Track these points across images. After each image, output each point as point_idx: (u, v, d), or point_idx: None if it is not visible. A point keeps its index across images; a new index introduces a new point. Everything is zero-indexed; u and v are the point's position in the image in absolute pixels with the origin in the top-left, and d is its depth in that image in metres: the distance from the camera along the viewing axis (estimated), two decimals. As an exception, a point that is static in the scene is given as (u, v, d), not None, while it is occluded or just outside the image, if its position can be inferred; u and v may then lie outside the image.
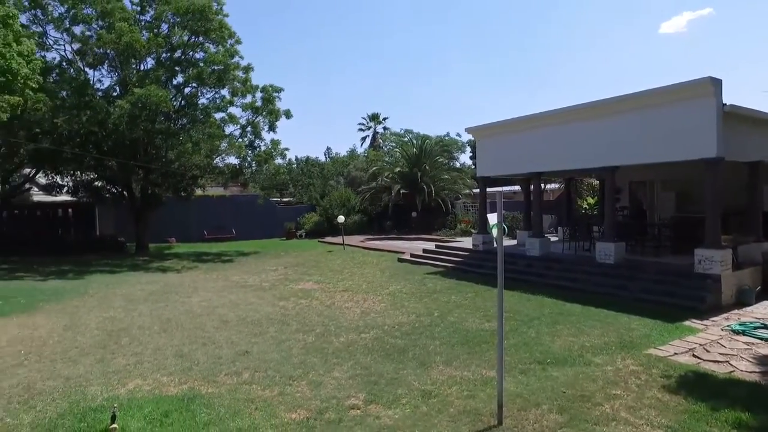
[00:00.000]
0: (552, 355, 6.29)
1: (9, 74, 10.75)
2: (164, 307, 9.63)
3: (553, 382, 5.39)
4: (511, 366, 5.79)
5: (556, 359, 6.14)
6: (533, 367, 5.88)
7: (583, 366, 5.91)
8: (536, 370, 5.81)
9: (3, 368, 6.05)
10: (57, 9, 18.56)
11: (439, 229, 24.82)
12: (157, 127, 19.12)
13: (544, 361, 6.07)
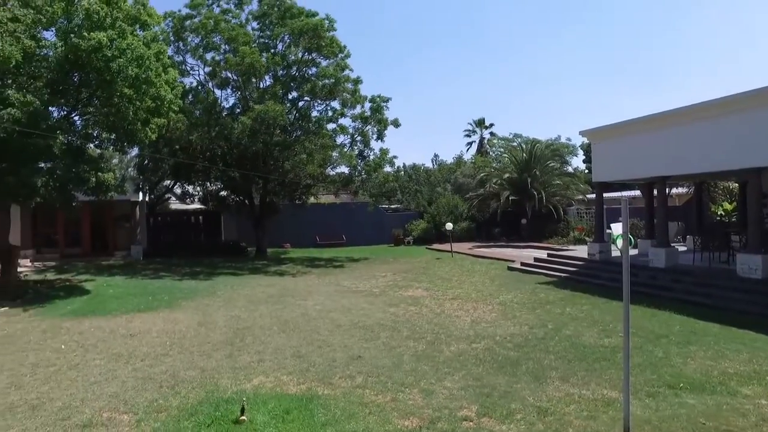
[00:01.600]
0: (685, 379, 5.71)
1: (158, 100, 12.26)
2: (282, 309, 10.29)
3: (688, 410, 4.88)
4: (636, 388, 5.36)
5: (690, 384, 5.57)
6: (663, 391, 5.39)
7: (728, 396, 5.27)
8: (666, 394, 5.31)
9: (155, 356, 6.86)
10: (193, 40, 20.84)
11: (551, 236, 23.76)
12: (275, 139, 20.54)
13: (675, 385, 5.53)
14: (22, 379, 5.92)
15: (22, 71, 10.24)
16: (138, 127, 12.26)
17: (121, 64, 10.98)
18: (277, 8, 21.18)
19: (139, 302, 11.13)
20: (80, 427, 4.62)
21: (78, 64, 11.01)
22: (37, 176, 10.71)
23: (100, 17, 10.92)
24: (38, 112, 10.05)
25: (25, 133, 9.92)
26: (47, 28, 11.28)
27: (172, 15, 20.39)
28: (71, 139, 11.24)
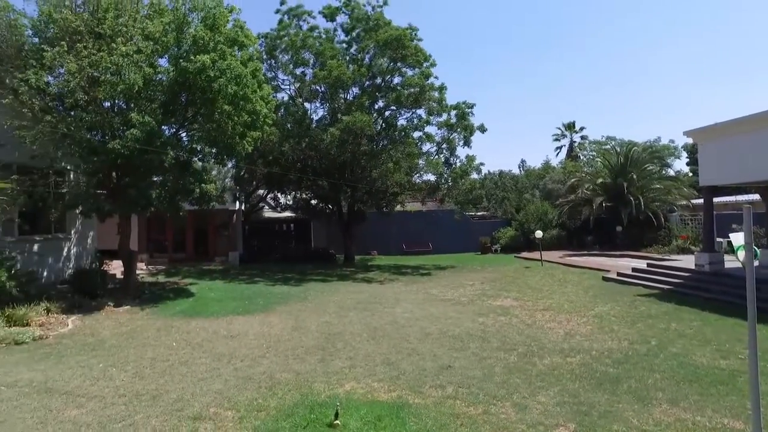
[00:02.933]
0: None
1: (254, 115, 13.05)
2: (371, 316, 10.47)
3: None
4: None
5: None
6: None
7: None
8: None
9: (253, 357, 7.28)
10: (284, 56, 21.98)
11: (650, 245, 22.14)
12: (362, 149, 21.05)
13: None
14: (143, 371, 6.54)
15: (142, 95, 11.35)
16: (236, 140, 13.10)
17: (221, 83, 11.81)
18: (362, 21, 21.78)
19: (237, 305, 11.87)
20: (191, 419, 5.00)
21: (185, 86, 12.00)
22: (152, 189, 11.82)
23: (204, 42, 11.85)
24: (154, 131, 11.11)
25: (143, 150, 10.99)
26: (162, 56, 12.42)
27: (265, 36, 21.67)
28: (179, 154, 12.22)
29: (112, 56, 10.87)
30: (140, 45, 11.43)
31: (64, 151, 11.62)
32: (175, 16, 12.30)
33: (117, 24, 11.53)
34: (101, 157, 11.24)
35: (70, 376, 6.26)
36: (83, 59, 10.70)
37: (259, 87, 13.35)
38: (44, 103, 11.01)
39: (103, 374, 6.38)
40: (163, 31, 11.91)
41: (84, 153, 11.34)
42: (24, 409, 5.16)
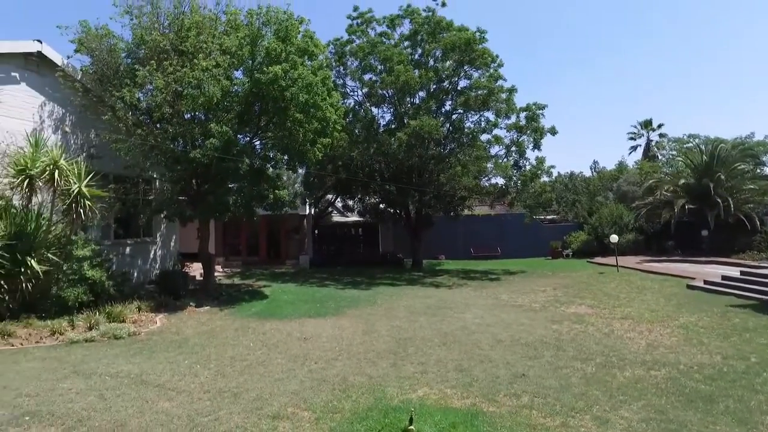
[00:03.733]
0: None
1: (324, 122, 13.43)
2: (441, 321, 10.41)
3: None
4: None
5: None
6: None
7: None
8: None
9: (326, 360, 7.44)
10: (352, 63, 22.41)
11: (742, 250, 20.51)
12: (429, 153, 21.04)
13: None
14: (225, 369, 6.87)
15: (220, 106, 12.01)
16: (307, 147, 13.51)
17: (293, 92, 12.24)
18: (427, 25, 21.79)
19: (309, 308, 12.20)
20: (270, 417, 5.18)
21: (259, 96, 12.55)
22: (230, 195, 12.45)
23: (277, 53, 12.34)
24: (231, 140, 11.71)
25: (221, 158, 11.62)
26: (237, 68, 13.08)
27: (334, 42, 22.21)
28: (253, 162, 12.78)
29: (194, 71, 11.57)
30: (218, 59, 12.10)
31: (152, 161, 12.52)
32: (250, 30, 12.90)
33: (198, 41, 12.25)
34: (184, 165, 12.00)
35: (161, 371, 6.70)
36: (169, 75, 11.47)
37: (328, 94, 13.71)
38: (136, 117, 11.92)
39: (189, 370, 6.76)
40: (239, 45, 12.52)
41: (169, 162, 12.18)
42: (125, 398, 5.58)
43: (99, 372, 6.59)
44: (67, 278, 9.89)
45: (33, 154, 9.52)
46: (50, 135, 11.96)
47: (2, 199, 9.49)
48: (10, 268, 8.67)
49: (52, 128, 12.23)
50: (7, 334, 8.21)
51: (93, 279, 10.16)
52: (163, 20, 12.81)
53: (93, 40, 12.26)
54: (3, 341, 8.07)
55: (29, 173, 9.35)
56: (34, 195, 9.78)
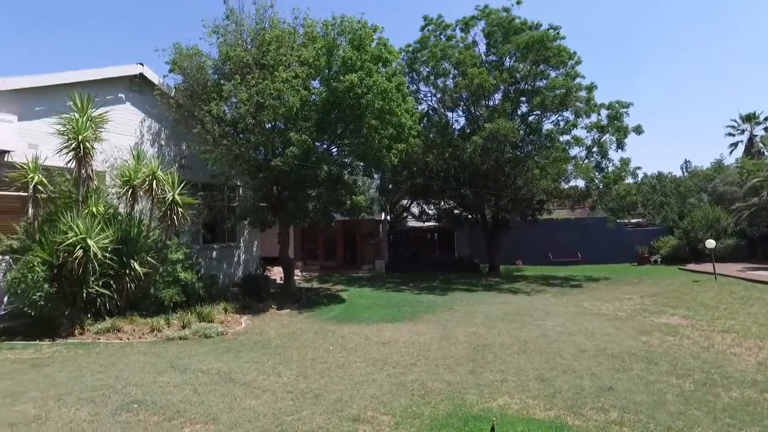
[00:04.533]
0: None
1: (399, 128, 13.56)
2: (520, 329, 10.11)
3: None
4: None
5: None
6: None
7: None
8: None
9: (404, 365, 7.47)
10: (425, 69, 22.47)
11: None
12: (506, 156, 20.60)
13: None
14: (306, 371, 7.09)
15: (298, 116, 12.50)
16: (383, 153, 13.70)
17: (368, 99, 12.46)
18: (499, 26, 21.38)
19: (386, 313, 12.31)
20: (351, 420, 5.27)
21: (335, 104, 12.90)
22: (309, 201, 12.88)
23: (352, 62, 12.64)
24: (309, 148, 12.14)
25: (300, 166, 12.06)
26: (315, 78, 13.54)
27: (406, 50, 22.37)
28: (331, 169, 13.14)
29: (275, 83, 12.13)
30: (297, 70, 12.60)
31: (236, 169, 13.26)
32: (326, 41, 13.33)
33: (278, 54, 12.83)
34: (265, 173, 12.59)
35: (247, 370, 7.03)
36: (251, 88, 12.11)
37: (403, 100, 13.83)
38: (222, 129, 12.67)
39: (272, 370, 7.05)
40: (316, 55, 12.97)
41: (251, 170, 12.83)
42: (215, 394, 5.93)
43: (192, 368, 7.04)
44: (163, 280, 10.69)
45: (135, 166, 10.41)
46: (149, 148, 13.05)
47: (111, 208, 10.46)
48: (117, 270, 9.52)
49: (150, 142, 13.33)
50: (116, 329, 9.08)
51: (185, 281, 10.91)
52: (245, 37, 13.56)
53: (185, 59, 13.23)
54: (113, 335, 8.93)
55: (132, 183, 10.24)
56: (136, 203, 10.68)
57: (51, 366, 7.04)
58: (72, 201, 9.91)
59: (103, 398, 5.68)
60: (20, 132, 10.46)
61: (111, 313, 9.55)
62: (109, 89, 12.34)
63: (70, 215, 9.26)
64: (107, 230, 9.39)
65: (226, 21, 13.55)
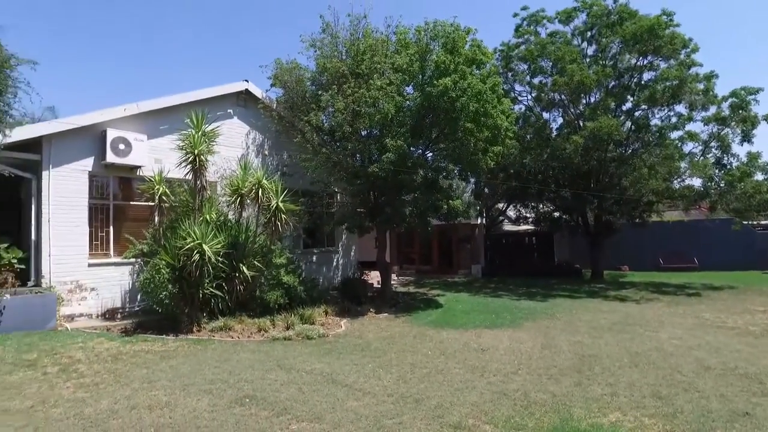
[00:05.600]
0: None
1: (495, 129, 13.26)
2: (630, 340, 9.41)
3: None
4: None
5: None
6: None
7: None
8: None
9: (505, 373, 7.25)
10: (520, 67, 21.78)
11: None
12: (609, 155, 19.34)
13: None
14: (405, 375, 7.13)
15: (393, 122, 12.66)
16: (479, 156, 13.47)
17: (463, 102, 12.31)
18: (602, 17, 20.14)
19: (484, 318, 12.05)
20: (452, 427, 5.21)
21: (430, 108, 12.90)
22: (405, 206, 12.98)
23: (445, 65, 12.57)
24: (405, 153, 12.25)
25: (396, 171, 12.20)
26: (408, 84, 13.66)
27: (500, 49, 21.83)
28: (427, 173, 13.14)
29: (370, 91, 12.40)
30: (391, 77, 12.80)
31: (334, 176, 13.73)
32: (419, 46, 13.39)
33: (372, 63, 13.12)
34: (362, 179, 12.89)
35: (348, 372, 7.22)
36: (348, 97, 12.49)
37: (498, 101, 13.51)
38: (320, 138, 13.20)
39: (372, 373, 7.17)
40: (409, 61, 13.07)
41: (349, 177, 13.21)
42: (319, 394, 6.15)
43: (297, 368, 7.37)
44: (268, 283, 11.31)
45: (243, 176, 11.17)
46: (253, 158, 13.95)
47: (222, 215, 11.33)
48: (228, 273, 10.26)
49: (255, 152, 14.24)
50: (228, 328, 9.78)
51: (288, 284, 11.46)
52: (341, 48, 14.03)
53: (285, 73, 13.98)
54: (225, 333, 9.62)
55: (240, 192, 11.01)
56: (244, 210, 11.46)
57: (176, 359, 7.74)
58: (189, 209, 10.87)
59: (219, 391, 6.13)
60: (149, 149, 11.71)
61: (223, 313, 10.29)
62: (219, 106, 13.38)
63: (188, 222, 10.15)
64: (219, 236, 10.16)
65: (323, 34, 14.12)
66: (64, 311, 10.24)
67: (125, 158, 11.19)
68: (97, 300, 10.97)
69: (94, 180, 11.31)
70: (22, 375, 6.70)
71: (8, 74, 8.35)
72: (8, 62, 8.41)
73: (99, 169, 11.21)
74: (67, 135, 10.65)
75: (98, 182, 11.45)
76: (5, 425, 5.06)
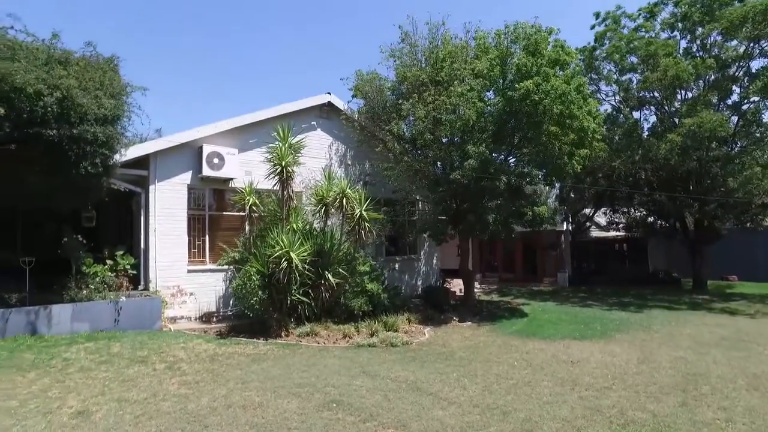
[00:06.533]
0: None
1: (582, 132, 12.68)
2: (746, 358, 8.54)
3: None
4: None
5: None
6: None
7: None
8: None
9: (598, 388, 6.85)
10: (606, 67, 20.68)
11: None
12: (712, 154, 17.79)
13: None
14: (491, 386, 6.95)
15: (475, 128, 12.49)
16: (564, 160, 12.94)
17: (546, 105, 11.88)
18: (698, 4, 18.60)
19: (572, 329, 11.49)
20: (543, 444, 5.00)
21: (511, 113, 12.57)
22: (489, 213, 12.72)
23: (527, 68, 12.21)
24: (487, 159, 12.02)
25: (479, 178, 12.01)
26: (489, 89, 13.43)
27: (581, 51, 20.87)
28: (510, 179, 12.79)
29: (450, 98, 12.35)
30: (471, 83, 12.66)
31: (416, 184, 13.79)
32: (499, 50, 13.12)
33: (452, 69, 13.07)
34: (444, 187, 12.82)
35: (432, 380, 7.17)
36: (428, 105, 12.52)
37: (584, 102, 12.91)
38: (402, 146, 13.33)
39: (457, 383, 7.06)
40: (490, 66, 12.85)
41: (431, 185, 13.20)
42: (404, 402, 6.15)
43: (382, 375, 7.43)
44: (352, 290, 11.54)
45: (327, 186, 11.53)
46: (336, 168, 14.35)
47: (307, 224, 11.75)
48: (314, 280, 10.60)
49: (338, 163, 14.65)
50: (314, 333, 10.10)
51: (372, 291, 11.62)
52: (420, 56, 14.13)
53: (365, 84, 14.29)
54: (312, 339, 9.94)
55: (325, 201, 11.36)
56: (328, 219, 11.81)
57: (266, 362, 8.10)
58: (277, 218, 11.38)
59: (307, 394, 6.33)
60: (240, 162, 12.43)
61: (309, 319, 10.63)
62: (303, 118, 13.93)
63: (276, 231, 10.63)
64: (305, 244, 10.52)
65: (401, 44, 14.30)
66: (167, 313, 11.08)
67: (219, 171, 11.97)
68: (195, 304, 11.77)
69: (191, 192, 12.18)
70: (136, 370, 7.33)
71: (125, 101, 9.23)
72: (125, 90, 9.32)
73: (196, 182, 12.07)
74: (168, 152, 11.60)
75: (195, 194, 12.31)
76: (127, 412, 5.57)
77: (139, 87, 9.73)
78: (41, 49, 8.58)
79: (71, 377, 6.86)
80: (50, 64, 8.38)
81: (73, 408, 5.67)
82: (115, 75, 9.39)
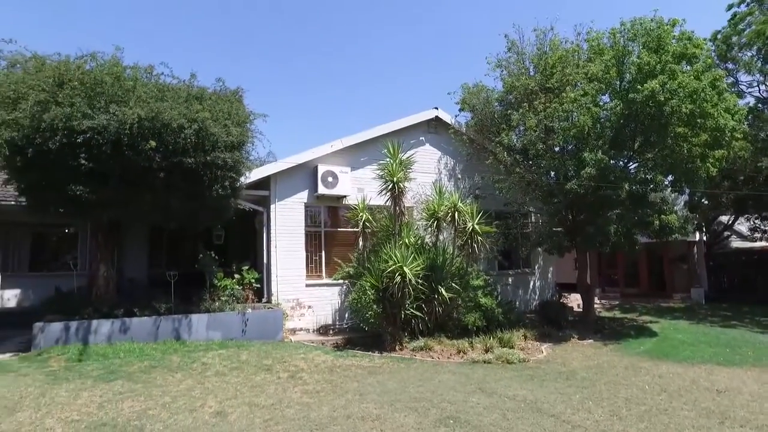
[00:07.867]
0: None
1: (716, 131, 11.42)
2: None
3: None
4: None
5: None
6: None
7: None
8: None
9: (758, 425, 6.00)
10: (745, 54, 18.47)
11: None
12: None
13: None
14: (619, 410, 6.43)
15: (590, 134, 11.79)
16: (696, 164, 11.76)
17: (673, 104, 10.89)
18: None
19: (714, 353, 10.29)
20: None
21: (631, 116, 11.71)
22: (610, 224, 11.88)
23: (650, 66, 11.30)
24: (606, 167, 11.27)
25: (597, 187, 11.30)
26: (604, 93, 12.62)
27: (713, 38, 18.86)
28: (632, 187, 11.86)
29: (563, 104, 11.82)
30: (585, 88, 12.00)
31: (529, 196, 13.34)
32: (615, 50, 12.30)
33: (563, 75, 12.53)
34: (559, 197, 12.25)
35: (553, 401, 6.81)
36: (539, 114, 12.10)
37: (720, 98, 11.63)
38: (513, 157, 12.99)
39: (581, 405, 6.64)
40: (605, 68, 12.09)
41: (545, 196, 12.69)
42: (524, 422, 5.91)
43: (498, 392, 7.22)
44: (465, 305, 11.40)
45: (438, 200, 11.58)
46: (446, 182, 14.36)
47: (419, 239, 11.88)
48: (427, 295, 10.64)
49: (447, 177, 14.66)
50: (428, 348, 10.11)
51: (485, 306, 11.40)
52: (527, 64, 13.75)
53: (472, 96, 14.20)
54: (426, 353, 9.96)
55: (437, 216, 11.42)
56: (440, 233, 11.83)
57: (381, 375, 8.26)
58: (389, 234, 11.63)
59: (424, 409, 6.34)
60: (352, 179, 12.96)
61: (422, 333, 10.67)
62: (412, 134, 14.17)
63: (389, 246, 10.87)
64: (418, 259, 10.62)
65: (508, 53, 14.02)
66: (287, 325, 11.78)
67: (333, 189, 12.56)
68: (312, 317, 12.38)
69: (308, 210, 12.90)
70: (263, 377, 7.88)
71: (248, 127, 10.13)
72: (248, 118, 10.22)
73: (312, 200, 12.77)
74: (286, 173, 12.43)
75: (311, 212, 13.03)
76: (257, 416, 6.02)
77: (260, 114, 10.62)
78: (182, 89, 9.71)
79: (209, 380, 7.56)
80: (189, 100, 9.44)
81: (212, 408, 6.25)
82: (240, 105, 10.33)
